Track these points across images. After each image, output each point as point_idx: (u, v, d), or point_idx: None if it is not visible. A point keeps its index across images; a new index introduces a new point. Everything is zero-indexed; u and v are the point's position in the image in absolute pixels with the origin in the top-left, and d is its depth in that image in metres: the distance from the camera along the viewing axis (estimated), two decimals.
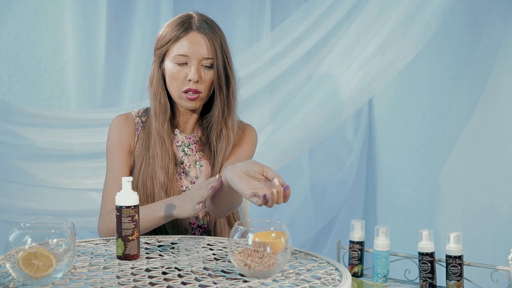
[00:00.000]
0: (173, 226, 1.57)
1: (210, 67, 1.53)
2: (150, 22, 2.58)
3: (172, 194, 1.55)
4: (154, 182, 1.54)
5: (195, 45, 1.51)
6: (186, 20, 1.54)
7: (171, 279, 1.10)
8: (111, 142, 1.59)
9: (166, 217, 1.42)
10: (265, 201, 1.17)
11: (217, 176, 1.33)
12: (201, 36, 1.52)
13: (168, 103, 1.57)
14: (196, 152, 1.61)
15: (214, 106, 1.57)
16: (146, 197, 1.54)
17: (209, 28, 1.53)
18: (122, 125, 1.60)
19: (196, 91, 1.52)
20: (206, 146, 1.61)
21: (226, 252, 1.30)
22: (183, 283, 1.07)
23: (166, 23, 1.57)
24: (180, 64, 1.52)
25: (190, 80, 1.51)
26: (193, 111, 1.60)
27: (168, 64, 1.53)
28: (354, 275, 1.47)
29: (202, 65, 1.52)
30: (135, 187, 1.54)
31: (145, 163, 1.56)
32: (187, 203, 1.36)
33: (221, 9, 2.77)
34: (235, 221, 1.56)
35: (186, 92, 1.52)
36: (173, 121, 1.61)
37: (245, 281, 1.08)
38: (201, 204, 1.32)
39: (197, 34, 1.52)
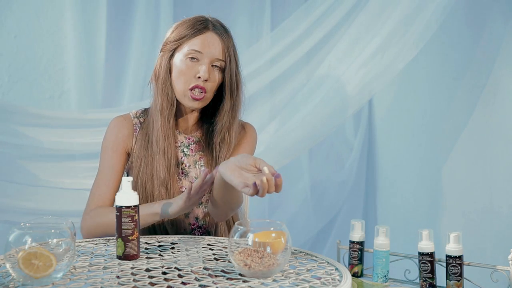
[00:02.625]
0: (173, 226, 1.57)
1: (220, 69, 1.53)
2: (150, 22, 2.58)
3: (172, 192, 1.54)
4: (154, 181, 1.53)
5: (210, 44, 1.51)
6: (202, 20, 1.54)
7: (171, 279, 1.10)
8: (106, 142, 1.59)
9: (152, 214, 1.42)
10: (256, 190, 1.17)
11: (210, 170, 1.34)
12: (217, 37, 1.52)
13: (175, 98, 1.56)
14: (196, 152, 1.61)
15: (222, 110, 1.57)
16: (146, 197, 1.53)
17: (225, 31, 1.54)
18: (120, 127, 1.59)
19: (203, 89, 1.51)
20: (207, 148, 1.61)
21: (226, 252, 1.30)
22: (183, 283, 1.07)
23: (178, 22, 1.57)
24: (192, 61, 1.51)
25: (199, 77, 1.50)
26: (194, 111, 1.60)
27: (178, 60, 1.53)
28: (354, 275, 1.47)
29: (212, 66, 1.52)
30: (134, 187, 1.54)
31: (144, 164, 1.55)
32: (179, 198, 1.37)
33: (221, 9, 2.77)
34: (235, 222, 1.56)
35: (192, 89, 1.51)
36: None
37: (245, 281, 1.08)
38: (188, 191, 1.32)
39: (213, 34, 1.52)
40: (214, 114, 1.60)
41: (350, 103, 2.30)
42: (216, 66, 1.52)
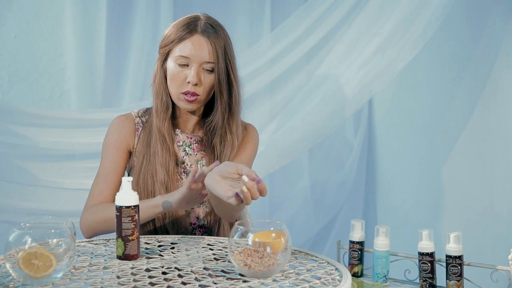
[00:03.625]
0: (174, 226, 1.57)
1: (211, 71, 1.53)
2: (150, 22, 2.58)
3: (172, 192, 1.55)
4: (155, 180, 1.54)
5: (197, 48, 1.51)
6: (192, 21, 1.53)
7: (171, 279, 1.10)
8: (108, 140, 1.59)
9: (160, 206, 1.42)
10: (240, 200, 1.16)
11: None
12: (204, 40, 1.51)
13: (170, 101, 1.57)
14: (198, 151, 1.62)
15: (215, 111, 1.57)
16: (147, 195, 1.54)
17: (214, 32, 1.53)
18: (122, 126, 1.60)
19: (194, 94, 1.52)
20: (209, 148, 1.61)
21: (226, 252, 1.30)
22: (183, 283, 1.07)
23: (174, 22, 1.57)
24: (181, 65, 1.51)
25: (189, 82, 1.51)
26: (193, 112, 1.60)
27: (170, 64, 1.53)
28: (354, 275, 1.47)
29: (203, 69, 1.52)
30: (135, 184, 1.55)
31: (146, 161, 1.56)
32: (182, 187, 1.38)
33: (221, 9, 2.77)
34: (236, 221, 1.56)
35: (185, 94, 1.52)
36: (174, 120, 1.61)
37: (245, 281, 1.08)
38: (193, 175, 1.32)
39: (200, 37, 1.51)
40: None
41: (350, 103, 2.30)
42: (206, 68, 1.52)
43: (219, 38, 1.53)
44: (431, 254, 1.37)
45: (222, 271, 1.15)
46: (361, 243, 1.48)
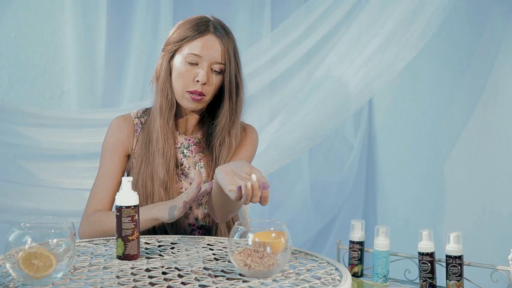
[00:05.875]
0: (173, 227, 1.57)
1: (219, 72, 1.52)
2: (150, 22, 2.58)
3: (171, 192, 1.54)
4: (154, 180, 1.53)
5: (209, 48, 1.50)
6: (203, 22, 1.52)
7: (171, 279, 1.10)
8: (106, 144, 1.59)
9: (152, 219, 1.42)
10: (240, 194, 1.17)
11: (210, 182, 1.34)
12: (217, 40, 1.51)
13: (175, 99, 1.56)
14: (196, 153, 1.61)
15: (222, 112, 1.56)
16: (146, 197, 1.53)
17: (226, 33, 1.53)
18: (120, 127, 1.59)
19: (200, 94, 1.51)
20: (207, 149, 1.60)
21: (226, 252, 1.30)
22: (183, 283, 1.07)
23: (180, 22, 1.56)
24: (191, 64, 1.51)
25: (198, 81, 1.50)
26: (195, 112, 1.59)
27: (178, 62, 1.52)
28: (354, 275, 1.47)
29: (212, 69, 1.52)
30: (134, 187, 1.54)
31: (145, 163, 1.55)
32: (174, 205, 1.37)
33: (221, 8, 2.77)
34: (235, 222, 1.56)
35: (191, 92, 1.51)
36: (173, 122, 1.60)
37: (245, 281, 1.08)
38: (183, 205, 1.33)
39: (213, 37, 1.51)
40: (215, 115, 1.59)
41: (350, 103, 2.30)
42: (215, 69, 1.52)
43: (229, 41, 1.53)
44: (431, 254, 1.37)
45: (222, 271, 1.15)
46: (361, 243, 1.48)
